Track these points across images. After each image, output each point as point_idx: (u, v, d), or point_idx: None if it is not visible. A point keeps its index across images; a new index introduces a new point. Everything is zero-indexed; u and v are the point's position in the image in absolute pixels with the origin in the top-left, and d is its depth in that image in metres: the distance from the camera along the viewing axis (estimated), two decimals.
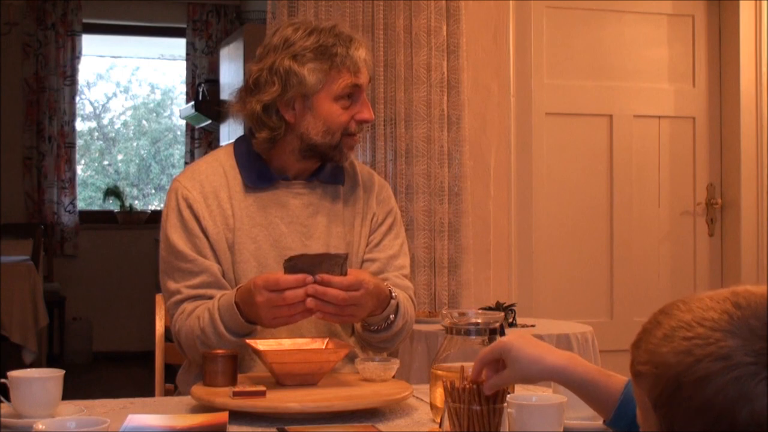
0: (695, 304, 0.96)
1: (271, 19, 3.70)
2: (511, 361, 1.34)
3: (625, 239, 4.30)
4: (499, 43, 4.03)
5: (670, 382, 0.93)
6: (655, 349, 0.95)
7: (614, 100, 4.30)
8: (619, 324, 4.20)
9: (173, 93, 8.61)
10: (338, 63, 2.04)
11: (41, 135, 7.26)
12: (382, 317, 2.04)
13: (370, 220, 2.22)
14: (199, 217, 2.08)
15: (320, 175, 2.17)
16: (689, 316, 0.94)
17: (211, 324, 1.96)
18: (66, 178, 7.35)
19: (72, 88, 7.39)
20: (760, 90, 4.28)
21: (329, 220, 2.16)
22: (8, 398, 1.67)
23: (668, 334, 0.94)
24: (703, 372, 0.90)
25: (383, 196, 2.26)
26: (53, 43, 7.29)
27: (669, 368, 0.93)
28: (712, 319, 0.93)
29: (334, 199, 2.18)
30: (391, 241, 2.23)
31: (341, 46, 2.05)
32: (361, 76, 2.08)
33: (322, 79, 2.05)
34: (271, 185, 2.14)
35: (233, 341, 1.96)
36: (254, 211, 2.12)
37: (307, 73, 2.04)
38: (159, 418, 1.65)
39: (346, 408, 1.70)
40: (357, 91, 2.08)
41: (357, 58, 2.06)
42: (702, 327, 0.93)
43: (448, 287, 3.80)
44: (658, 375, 0.94)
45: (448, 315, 1.67)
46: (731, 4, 4.34)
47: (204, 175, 2.14)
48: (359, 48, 2.08)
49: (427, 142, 3.79)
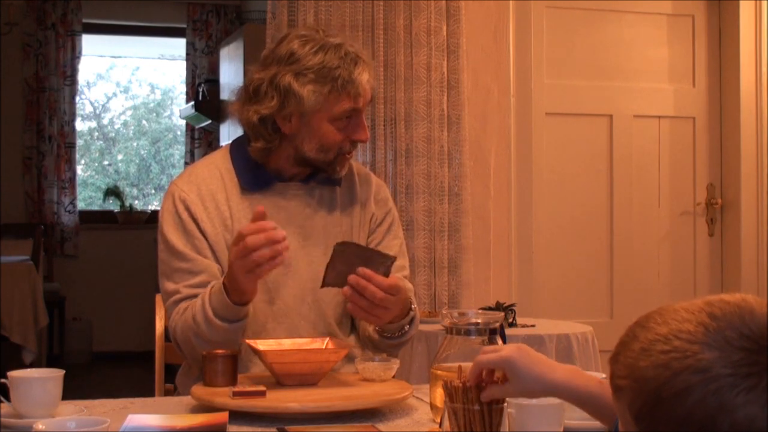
0: (670, 316, 0.96)
1: (271, 19, 3.70)
2: (514, 376, 1.35)
3: (625, 239, 4.30)
4: (499, 43, 4.03)
5: (650, 395, 0.93)
6: (633, 363, 0.96)
7: (614, 100, 4.30)
8: (619, 324, 4.20)
9: (173, 93, 8.61)
10: (339, 87, 2.03)
11: (41, 135, 7.26)
12: (398, 326, 2.07)
13: (368, 220, 2.22)
14: (197, 218, 2.08)
15: (317, 176, 2.17)
16: (665, 329, 0.95)
17: (202, 311, 1.95)
18: (66, 178, 7.35)
19: (72, 88, 7.39)
20: (760, 90, 4.28)
21: (327, 221, 2.16)
22: (8, 398, 1.67)
23: (646, 348, 0.95)
24: (683, 385, 0.91)
25: (381, 197, 2.26)
26: (53, 43, 7.29)
27: (648, 382, 0.93)
28: (688, 331, 0.93)
29: (332, 200, 2.19)
30: (390, 242, 2.24)
31: (344, 69, 2.03)
32: (361, 100, 2.07)
33: (321, 101, 2.04)
34: (268, 187, 2.14)
35: (223, 327, 1.93)
36: (251, 213, 2.12)
37: (306, 94, 2.03)
38: (159, 418, 1.65)
39: (346, 408, 1.70)
40: (355, 114, 2.08)
41: (359, 82, 2.04)
42: (679, 340, 0.93)
43: (448, 287, 3.80)
44: (637, 389, 0.95)
45: (448, 315, 1.67)
46: (731, 4, 4.34)
47: (201, 178, 2.14)
48: (363, 72, 2.06)
49: (427, 142, 3.79)
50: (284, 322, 2.10)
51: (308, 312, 2.12)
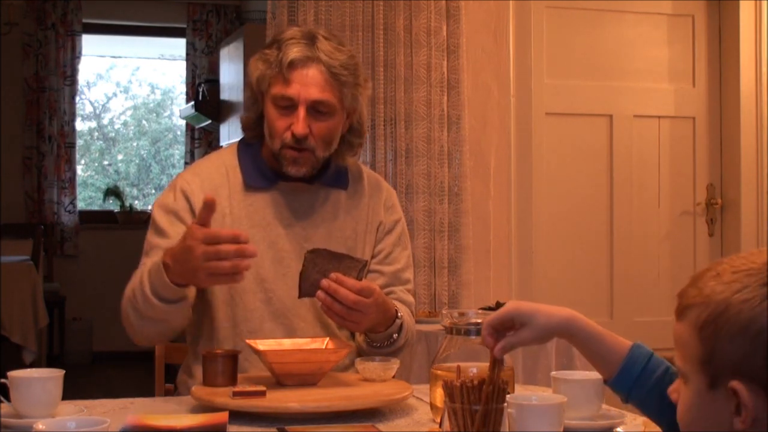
0: (739, 259, 1.10)
1: (271, 19, 3.70)
2: (527, 319, 1.37)
3: (625, 239, 4.30)
4: (499, 43, 4.03)
5: (718, 305, 1.06)
6: (704, 284, 1.09)
7: (614, 100, 4.30)
8: (619, 324, 4.20)
9: (173, 93, 8.61)
10: (275, 69, 2.06)
11: (41, 135, 7.26)
12: (386, 335, 2.06)
13: (375, 227, 2.21)
14: (194, 208, 2.08)
15: (323, 177, 2.16)
16: (738, 262, 1.09)
17: (140, 285, 1.92)
18: (66, 178, 7.35)
19: (72, 88, 7.39)
20: (760, 90, 4.28)
21: (329, 224, 2.15)
22: (8, 398, 1.67)
23: (719, 273, 1.09)
24: (749, 294, 1.04)
25: (391, 204, 2.25)
26: (53, 43, 7.29)
27: (718, 294, 1.07)
28: (759, 262, 1.08)
29: (336, 203, 2.17)
30: (399, 254, 2.22)
31: (284, 54, 2.04)
32: (295, 89, 2.03)
33: (265, 81, 2.07)
34: (273, 186, 2.14)
35: (158, 306, 1.88)
36: (253, 211, 2.11)
37: (253, 71, 2.09)
38: (159, 418, 1.64)
39: (346, 408, 1.70)
40: (292, 104, 2.05)
41: (295, 70, 2.03)
42: (750, 265, 1.08)
43: (448, 287, 3.80)
44: (706, 302, 1.07)
45: (448, 315, 1.67)
46: (731, 4, 4.34)
47: (206, 172, 2.15)
48: (308, 66, 2.03)
49: (427, 142, 3.79)
50: (282, 323, 2.09)
51: (306, 313, 2.11)
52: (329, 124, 2.08)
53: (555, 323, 1.37)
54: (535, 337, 1.38)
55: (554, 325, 1.37)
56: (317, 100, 2.04)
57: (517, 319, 1.37)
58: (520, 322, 1.37)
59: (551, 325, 1.37)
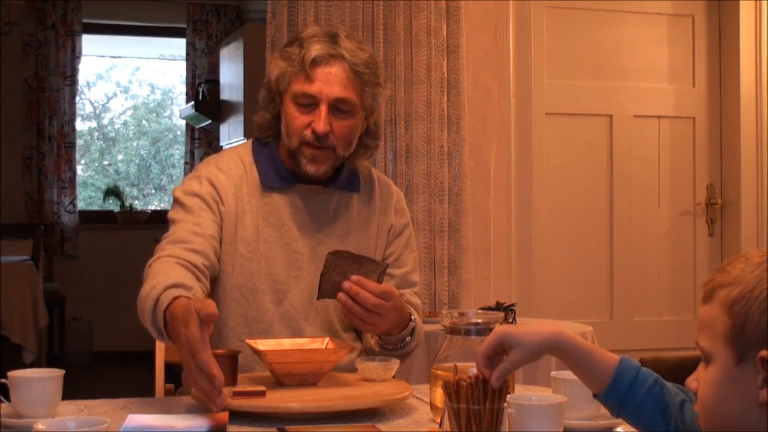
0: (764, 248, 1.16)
1: (271, 19, 3.70)
2: (516, 342, 1.37)
3: (625, 239, 4.30)
4: (499, 43, 4.03)
5: (749, 283, 1.11)
6: (733, 268, 1.14)
7: (614, 100, 4.30)
8: (619, 324, 4.20)
9: (173, 93, 8.61)
10: (297, 66, 2.05)
11: (41, 135, 7.26)
12: (399, 338, 2.06)
13: (387, 230, 2.21)
14: (221, 198, 2.07)
15: (337, 181, 2.16)
16: (764, 249, 1.15)
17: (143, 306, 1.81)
18: (66, 178, 7.35)
19: (72, 88, 7.39)
20: (760, 90, 4.28)
21: (343, 226, 2.15)
22: (8, 398, 1.67)
23: (747, 258, 1.14)
24: None
25: (401, 207, 2.25)
26: (53, 43, 7.29)
27: (748, 274, 1.12)
28: None
29: (349, 206, 2.17)
30: (407, 257, 2.23)
31: (307, 50, 2.03)
32: (317, 87, 2.03)
33: (286, 79, 2.06)
34: (290, 187, 2.13)
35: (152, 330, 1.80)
36: (269, 211, 2.11)
37: (272, 69, 2.08)
38: (159, 418, 1.64)
39: (346, 408, 1.70)
40: (313, 102, 2.04)
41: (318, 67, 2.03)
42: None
43: (448, 287, 3.80)
44: (737, 281, 1.12)
45: (448, 315, 1.67)
46: (731, 4, 4.34)
47: (227, 166, 2.14)
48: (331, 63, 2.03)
49: (427, 142, 3.79)
50: (291, 326, 2.09)
51: (315, 317, 2.11)
52: (350, 122, 2.08)
53: (543, 340, 1.37)
54: (526, 357, 1.37)
55: (542, 342, 1.37)
56: (339, 98, 2.04)
57: (506, 342, 1.37)
58: (509, 345, 1.37)
59: (539, 342, 1.37)
